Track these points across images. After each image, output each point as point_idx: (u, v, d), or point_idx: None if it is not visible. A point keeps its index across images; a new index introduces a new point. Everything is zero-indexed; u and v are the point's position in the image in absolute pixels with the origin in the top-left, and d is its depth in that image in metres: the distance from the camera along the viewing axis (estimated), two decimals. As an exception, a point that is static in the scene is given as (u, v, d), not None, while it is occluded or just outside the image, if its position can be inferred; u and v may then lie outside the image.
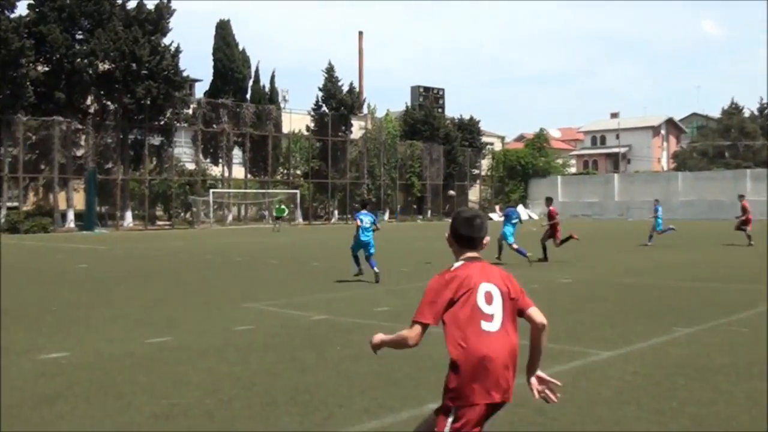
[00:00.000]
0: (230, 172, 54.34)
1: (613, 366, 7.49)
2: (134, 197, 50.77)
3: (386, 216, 63.29)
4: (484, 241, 3.79)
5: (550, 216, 21.32)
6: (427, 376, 7.11)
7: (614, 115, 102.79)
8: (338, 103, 59.40)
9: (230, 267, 19.33)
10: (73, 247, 28.22)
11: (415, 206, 67.75)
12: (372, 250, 15.49)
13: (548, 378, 3.71)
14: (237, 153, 56.32)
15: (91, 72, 44.40)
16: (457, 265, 3.71)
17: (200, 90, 61.40)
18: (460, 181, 70.68)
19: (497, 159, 76.37)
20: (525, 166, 75.20)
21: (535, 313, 3.62)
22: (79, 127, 46.07)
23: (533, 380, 3.71)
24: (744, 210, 26.82)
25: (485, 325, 3.50)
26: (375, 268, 15.11)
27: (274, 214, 46.73)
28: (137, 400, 6.29)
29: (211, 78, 55.15)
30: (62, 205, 45.83)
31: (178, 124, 50.50)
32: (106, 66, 45.03)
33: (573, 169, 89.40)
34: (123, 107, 45.91)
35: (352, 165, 61.67)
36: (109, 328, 9.80)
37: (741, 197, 28.20)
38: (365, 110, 65.27)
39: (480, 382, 3.44)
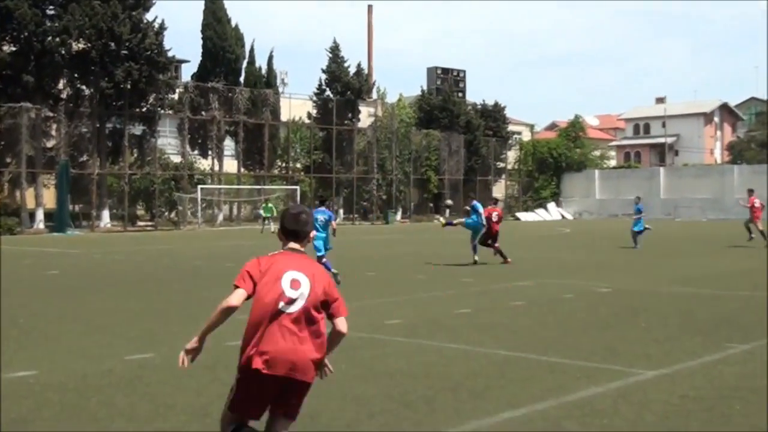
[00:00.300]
0: (221, 166, 54.47)
1: (659, 387, 7.47)
2: (112, 194, 50.89)
3: (398, 216, 63.28)
4: (311, 235, 4.74)
5: (488, 219, 22.84)
6: (445, 397, 7.11)
7: (660, 100, 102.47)
8: (344, 87, 59.46)
9: (221, 274, 19.36)
10: (42, 251, 28.36)
11: (431, 204, 67.72)
12: (323, 252, 16.57)
13: (327, 363, 4.71)
14: (229, 144, 56.38)
15: (63, 52, 44.56)
16: (275, 252, 4.63)
17: (187, 72, 61.61)
18: (483, 176, 70.58)
19: (526, 150, 76.24)
20: (557, 158, 75.01)
21: (340, 323, 4.60)
22: (50, 114, 46.25)
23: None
24: (751, 205, 29.19)
25: (284, 307, 4.38)
26: (331, 270, 15.77)
27: (262, 213, 46.42)
28: (115, 425, 6.32)
29: (199, 59, 55.31)
30: (30, 204, 46.01)
31: (162, 111, 50.60)
32: (81, 45, 45.17)
33: (613, 162, 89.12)
34: (100, 92, 46.04)
35: (360, 157, 61.68)
36: (84, 343, 9.84)
37: (750, 192, 30.05)
38: (375, 95, 65.29)
39: (262, 352, 4.35)
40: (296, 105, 57.72)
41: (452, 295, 14.78)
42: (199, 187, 50.90)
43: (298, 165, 60.08)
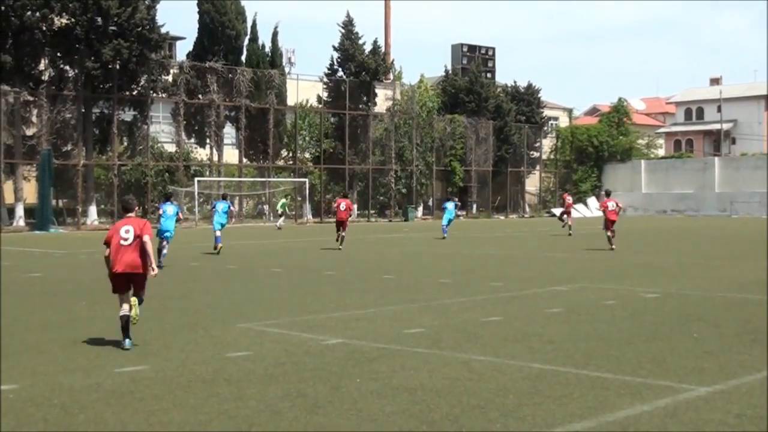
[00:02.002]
0: (221, 156, 54.62)
1: (712, 406, 7.46)
2: (100, 188, 51.13)
3: (419, 212, 63.21)
4: (135, 208, 11.11)
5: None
6: (472, 416, 7.12)
7: (715, 81, 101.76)
8: (358, 67, 59.46)
9: (222, 277, 19.45)
10: (23, 252, 28.53)
11: (456, 199, 67.64)
12: (169, 236, 21.93)
13: (152, 265, 10.44)
14: (229, 131, 56.50)
15: (44, 28, 44.78)
16: (121, 220, 10.74)
17: (183, 51, 61.72)
18: (515, 167, 70.45)
19: (563, 138, 76.02)
20: (599, 147, 74.76)
21: (144, 237, 10.29)
22: (30, 98, 46.50)
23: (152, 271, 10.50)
24: (563, 202, 41.47)
25: (122, 241, 10.24)
26: (165, 251, 21.64)
27: (278, 209, 47.28)
28: (105, 445, 6.35)
29: (196, 35, 55.44)
30: (9, 198, 46.31)
31: (154, 95, 50.82)
32: (64, 21, 45.39)
33: (661, 151, 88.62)
34: (85, 73, 46.28)
35: (376, 146, 61.68)
36: (69, 354, 9.93)
37: (565, 191, 42.06)
38: (393, 76, 65.22)
39: (116, 262, 10.18)
40: (305, 87, 57.77)
41: (480, 300, 14.79)
42: (196, 179, 51.09)
43: (307, 155, 60.13)
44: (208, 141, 54.27)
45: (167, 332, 11.51)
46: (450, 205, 36.87)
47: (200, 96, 53.15)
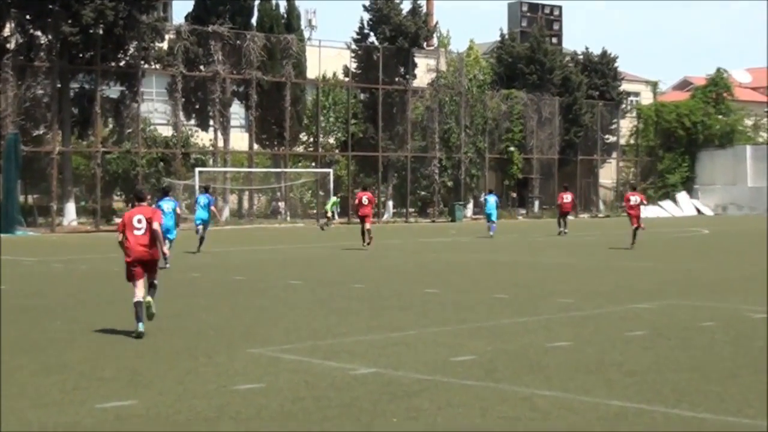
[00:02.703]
0: (227, 141, 54.74)
1: (837, 455, 7.34)
2: (79, 180, 51.38)
3: (469, 210, 63.04)
4: (148, 197, 16.32)
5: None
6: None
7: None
8: (394, 31, 59.33)
9: (228, 290, 19.47)
10: (-14, 258, 28.77)
11: (514, 194, 67.50)
12: (170, 237, 23.31)
13: (166, 251, 14.97)
14: (237, 111, 56.61)
15: (11, -14, 45.08)
16: (133, 208, 14.87)
17: (180, 12, 61.85)
18: (587, 155, 70.10)
19: (646, 118, 75.55)
20: (691, 129, 74.22)
21: (154, 224, 13.70)
22: (-7, 71, 46.84)
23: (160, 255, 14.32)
24: (560, 202, 42.66)
25: (135, 231, 13.62)
26: (168, 252, 22.67)
27: (327, 208, 47.42)
28: (84, 500, 6.37)
29: (196, -6, 55.65)
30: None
31: (146, 66, 50.99)
32: (35, -24, 45.68)
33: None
34: (61, 40, 46.52)
35: (416, 129, 61.59)
36: (42, 385, 9.96)
37: (565, 188, 44.65)
38: (436, 42, 65.12)
39: (130, 251, 13.55)
40: (329, 57, 57.73)
41: (545, 321, 14.73)
42: (197, 170, 51.20)
43: (332, 140, 60.17)
44: (211, 123, 54.45)
45: (161, 359, 11.52)
46: (492, 199, 40.69)
47: (202, 67, 53.28)
